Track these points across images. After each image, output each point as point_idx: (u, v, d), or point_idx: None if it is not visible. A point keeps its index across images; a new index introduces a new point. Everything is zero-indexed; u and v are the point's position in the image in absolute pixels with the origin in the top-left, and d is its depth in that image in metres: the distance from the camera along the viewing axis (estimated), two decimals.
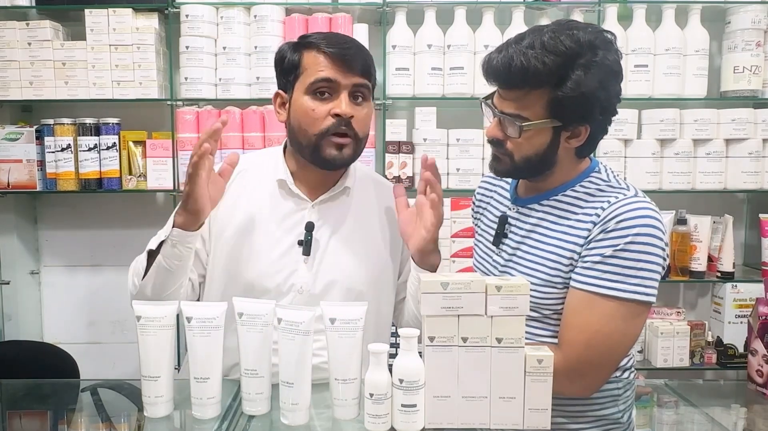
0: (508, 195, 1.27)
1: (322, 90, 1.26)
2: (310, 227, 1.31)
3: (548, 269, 1.12)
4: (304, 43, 1.30)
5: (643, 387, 1.43)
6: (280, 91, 1.34)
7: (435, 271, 1.23)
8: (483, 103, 1.16)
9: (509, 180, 1.30)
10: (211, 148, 1.15)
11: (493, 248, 1.24)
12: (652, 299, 1.07)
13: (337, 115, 1.25)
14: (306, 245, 1.30)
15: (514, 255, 1.19)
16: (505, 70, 1.06)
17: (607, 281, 1.06)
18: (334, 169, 1.32)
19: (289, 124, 1.32)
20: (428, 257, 1.22)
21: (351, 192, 1.38)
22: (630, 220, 1.05)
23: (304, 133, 1.27)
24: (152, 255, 1.23)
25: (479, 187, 1.39)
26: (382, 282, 1.39)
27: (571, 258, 1.10)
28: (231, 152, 1.26)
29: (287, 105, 1.32)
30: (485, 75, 1.12)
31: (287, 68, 1.31)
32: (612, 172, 1.18)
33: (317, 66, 1.26)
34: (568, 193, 1.16)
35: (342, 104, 1.25)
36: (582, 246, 1.09)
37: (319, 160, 1.29)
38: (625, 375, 1.19)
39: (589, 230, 1.09)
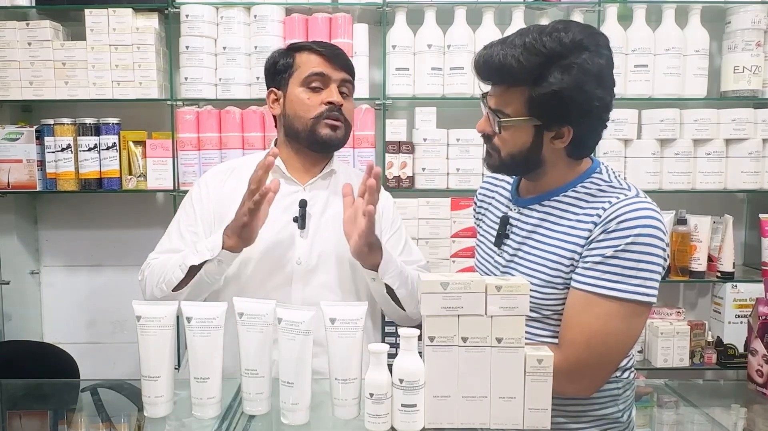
0: (509, 195, 1.27)
1: (315, 83, 1.44)
2: (303, 204, 1.45)
3: (549, 269, 1.12)
4: (296, 47, 1.50)
5: (644, 387, 1.43)
6: (273, 89, 1.51)
7: (376, 270, 1.35)
8: (481, 100, 1.19)
9: (510, 180, 1.30)
10: (275, 188, 1.26)
11: (495, 249, 1.24)
12: (653, 299, 1.07)
13: (329, 103, 1.43)
14: (301, 219, 1.44)
15: (515, 256, 1.19)
16: (485, 65, 1.10)
17: (607, 281, 1.06)
18: (329, 148, 1.49)
19: (285, 114, 1.48)
20: (366, 258, 1.34)
21: (337, 174, 1.54)
22: (631, 221, 1.05)
23: (300, 119, 1.44)
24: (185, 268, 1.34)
25: (480, 188, 1.40)
26: None
27: (572, 259, 1.10)
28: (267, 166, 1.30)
29: (281, 100, 1.49)
30: (473, 71, 1.15)
31: (280, 69, 1.49)
32: (613, 172, 1.18)
33: (310, 63, 1.46)
34: (569, 193, 1.16)
35: (333, 94, 1.44)
36: (583, 246, 1.09)
37: (316, 141, 1.45)
38: (625, 375, 1.19)
39: (590, 230, 1.09)
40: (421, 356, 0.98)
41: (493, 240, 1.25)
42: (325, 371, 1.05)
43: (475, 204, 1.41)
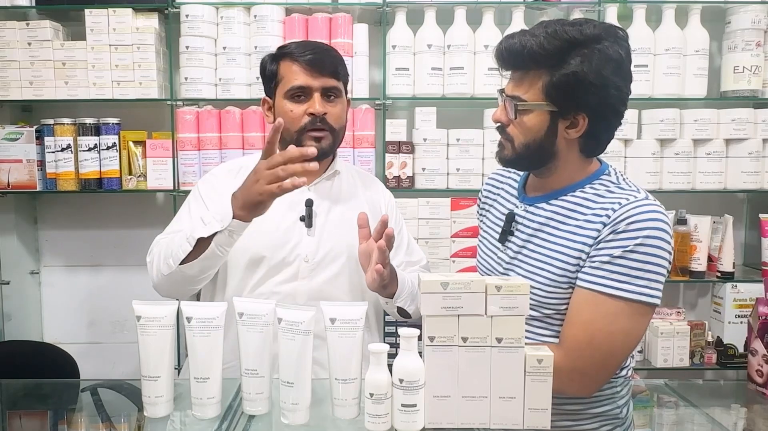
0: (515, 192, 1.27)
1: (298, 95, 1.45)
2: (309, 203, 1.47)
3: (555, 268, 1.12)
4: (280, 53, 1.49)
5: (639, 386, 1.44)
6: (266, 98, 1.53)
7: (392, 298, 1.38)
8: (498, 94, 1.19)
9: (517, 178, 1.30)
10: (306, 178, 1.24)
11: (499, 245, 1.24)
12: (657, 301, 1.07)
13: (311, 114, 1.43)
14: (308, 218, 1.47)
15: (519, 253, 1.19)
16: (507, 51, 1.12)
17: (614, 281, 1.06)
18: (316, 158, 1.44)
19: None
20: (383, 292, 1.36)
21: (340, 175, 1.57)
22: (641, 222, 1.05)
23: (287, 131, 1.44)
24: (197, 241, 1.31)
25: (486, 183, 1.40)
26: None
27: (579, 258, 1.10)
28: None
29: (272, 109, 1.51)
30: (495, 60, 1.17)
31: (269, 77, 1.50)
32: (621, 175, 1.18)
33: (291, 75, 1.45)
34: (578, 193, 1.16)
35: (315, 104, 1.43)
36: (591, 246, 1.09)
37: None
38: (623, 373, 1.20)
39: (598, 230, 1.09)
40: (421, 356, 0.98)
41: (497, 236, 1.25)
42: (325, 362, 1.05)
43: (480, 200, 1.41)
